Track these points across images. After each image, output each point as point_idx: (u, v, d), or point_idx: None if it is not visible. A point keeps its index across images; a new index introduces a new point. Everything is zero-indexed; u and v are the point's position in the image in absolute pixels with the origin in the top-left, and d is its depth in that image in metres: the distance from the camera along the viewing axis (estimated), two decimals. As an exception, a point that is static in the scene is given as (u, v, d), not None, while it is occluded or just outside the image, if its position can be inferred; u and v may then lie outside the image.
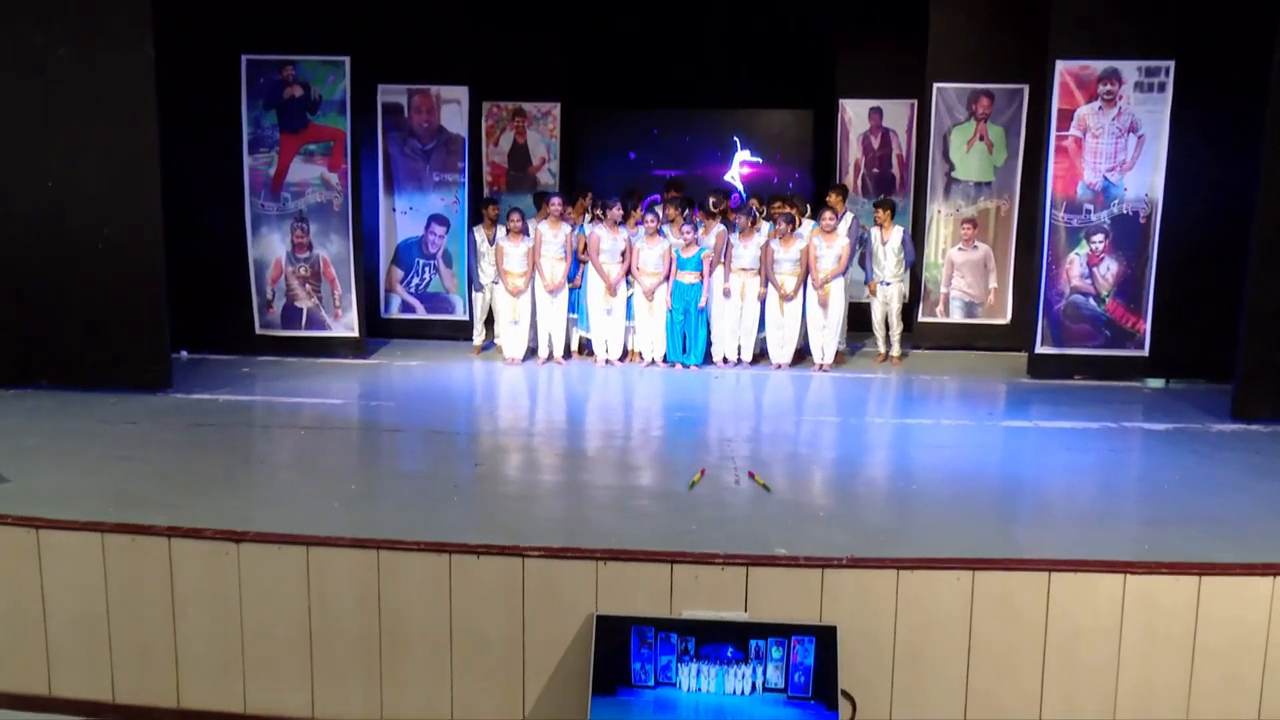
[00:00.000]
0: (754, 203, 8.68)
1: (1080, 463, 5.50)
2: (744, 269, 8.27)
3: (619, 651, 3.65)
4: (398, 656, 3.80)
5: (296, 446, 5.71)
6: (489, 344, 9.02)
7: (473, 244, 8.81)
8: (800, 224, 8.46)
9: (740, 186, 12.05)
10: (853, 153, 10.74)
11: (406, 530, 3.96)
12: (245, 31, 8.09)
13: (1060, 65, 7.71)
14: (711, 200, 8.51)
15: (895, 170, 10.77)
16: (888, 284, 8.59)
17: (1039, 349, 8.03)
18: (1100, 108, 7.69)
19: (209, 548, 3.85)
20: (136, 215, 6.59)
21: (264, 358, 8.32)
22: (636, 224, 8.49)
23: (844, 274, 8.31)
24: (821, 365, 8.33)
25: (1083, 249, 7.86)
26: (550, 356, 8.52)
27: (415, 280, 9.79)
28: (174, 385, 6.91)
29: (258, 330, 8.50)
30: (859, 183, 10.66)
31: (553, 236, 8.32)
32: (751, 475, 4.96)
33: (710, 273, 8.27)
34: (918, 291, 9.52)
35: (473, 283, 8.93)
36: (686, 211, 8.57)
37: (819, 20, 10.89)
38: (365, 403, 7.04)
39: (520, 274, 8.38)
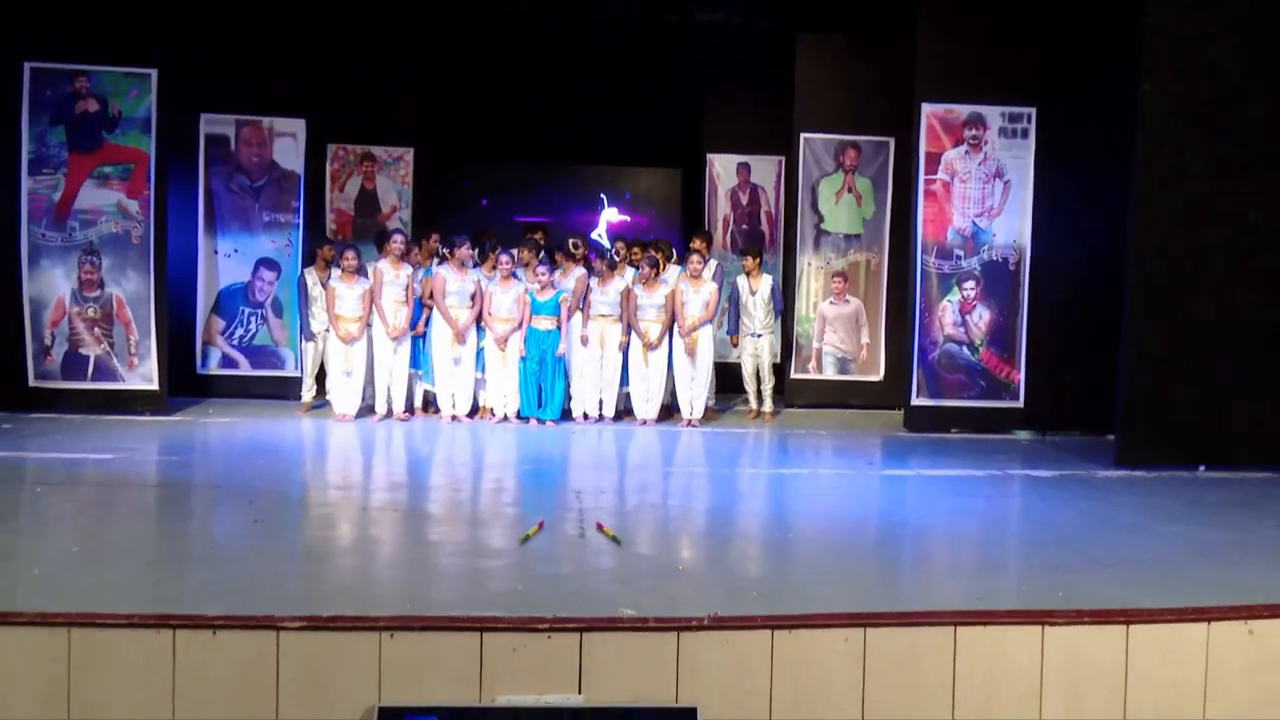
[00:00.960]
0: (618, 246, 8.01)
1: (970, 508, 4.90)
2: (604, 315, 7.54)
3: (407, 755, 2.67)
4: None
5: (22, 503, 4.51)
6: (321, 402, 7.90)
7: (304, 288, 7.79)
8: (665, 270, 7.83)
9: (606, 241, 11.46)
10: (721, 208, 10.30)
11: (127, 599, 2.90)
12: (29, 36, 6.98)
13: (926, 108, 7.46)
14: (571, 241, 7.80)
15: (764, 227, 10.37)
16: (759, 336, 8.01)
17: (915, 400, 7.55)
18: (967, 152, 7.44)
19: None
20: None
21: (38, 415, 6.96)
22: (493, 268, 7.67)
23: (711, 321, 7.68)
24: (690, 420, 7.60)
25: (955, 296, 7.50)
26: (389, 413, 7.50)
27: (239, 331, 8.61)
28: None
29: (31, 382, 7.14)
30: (727, 238, 10.18)
31: (394, 277, 7.40)
32: (600, 527, 4.11)
33: (569, 318, 7.49)
34: (789, 347, 9.00)
35: (303, 331, 7.87)
36: (542, 254, 7.82)
37: (687, 76, 10.55)
38: (142, 457, 5.83)
39: (355, 319, 7.39)
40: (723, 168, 10.36)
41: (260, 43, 8.42)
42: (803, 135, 9.00)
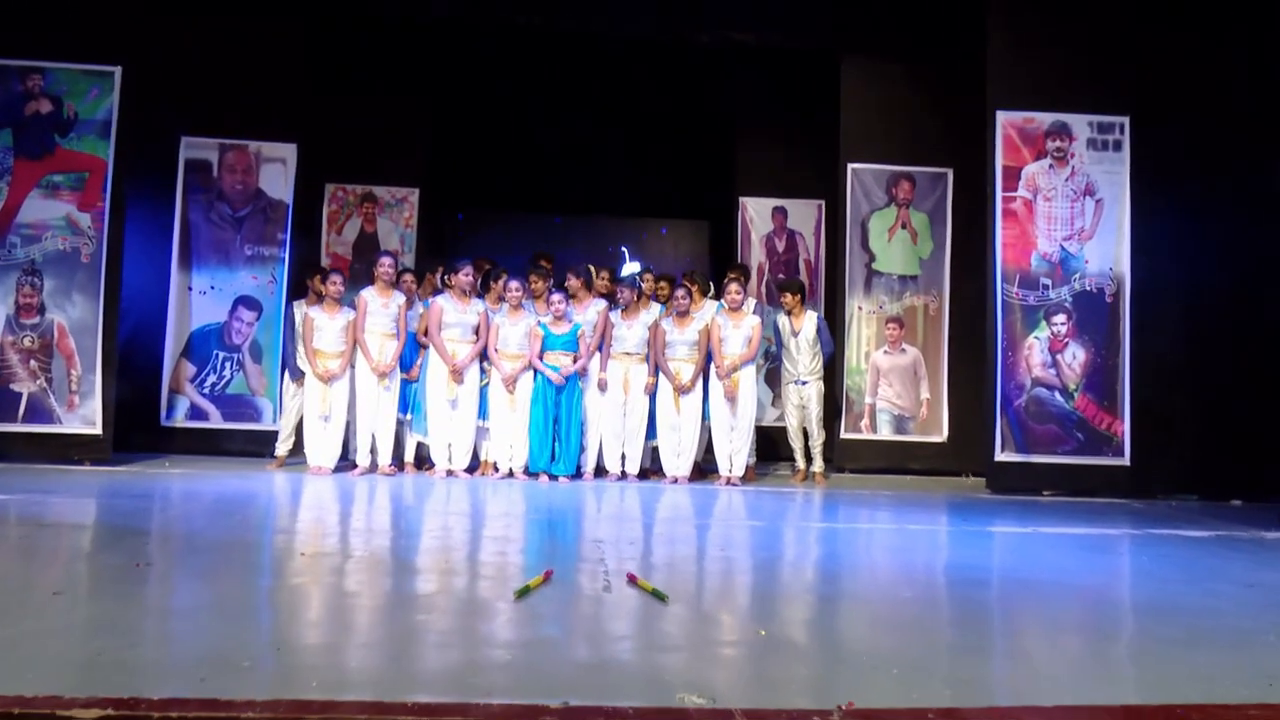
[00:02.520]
0: (645, 275, 6.89)
1: (1129, 567, 3.58)
2: (628, 354, 6.36)
3: None
4: None
5: None
6: (299, 459, 6.68)
7: (290, 322, 6.67)
8: (700, 304, 6.67)
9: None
10: (755, 256, 9.21)
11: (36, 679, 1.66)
12: (-26, 28, 6.09)
13: (1001, 117, 6.42)
14: (592, 270, 6.68)
15: (804, 276, 9.26)
16: (803, 383, 6.79)
17: (1000, 455, 6.26)
18: (1050, 166, 6.36)
19: None
20: None
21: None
22: (499, 298, 6.56)
23: (753, 361, 6.48)
24: (729, 479, 6.33)
25: (1043, 331, 6.29)
26: (373, 467, 6.27)
27: (211, 378, 7.47)
28: None
29: (-50, 422, 5.98)
30: (763, 289, 9.07)
31: (380, 306, 6.27)
32: (633, 579, 2.83)
33: (589, 356, 6.32)
34: (837, 402, 7.76)
35: (286, 369, 6.71)
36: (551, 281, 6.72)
37: (717, 114, 9.64)
38: (59, 504, 4.57)
39: (335, 355, 6.24)
40: (756, 212, 9.33)
41: (250, 62, 7.56)
42: (850, 166, 7.96)
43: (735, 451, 6.35)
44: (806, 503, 5.64)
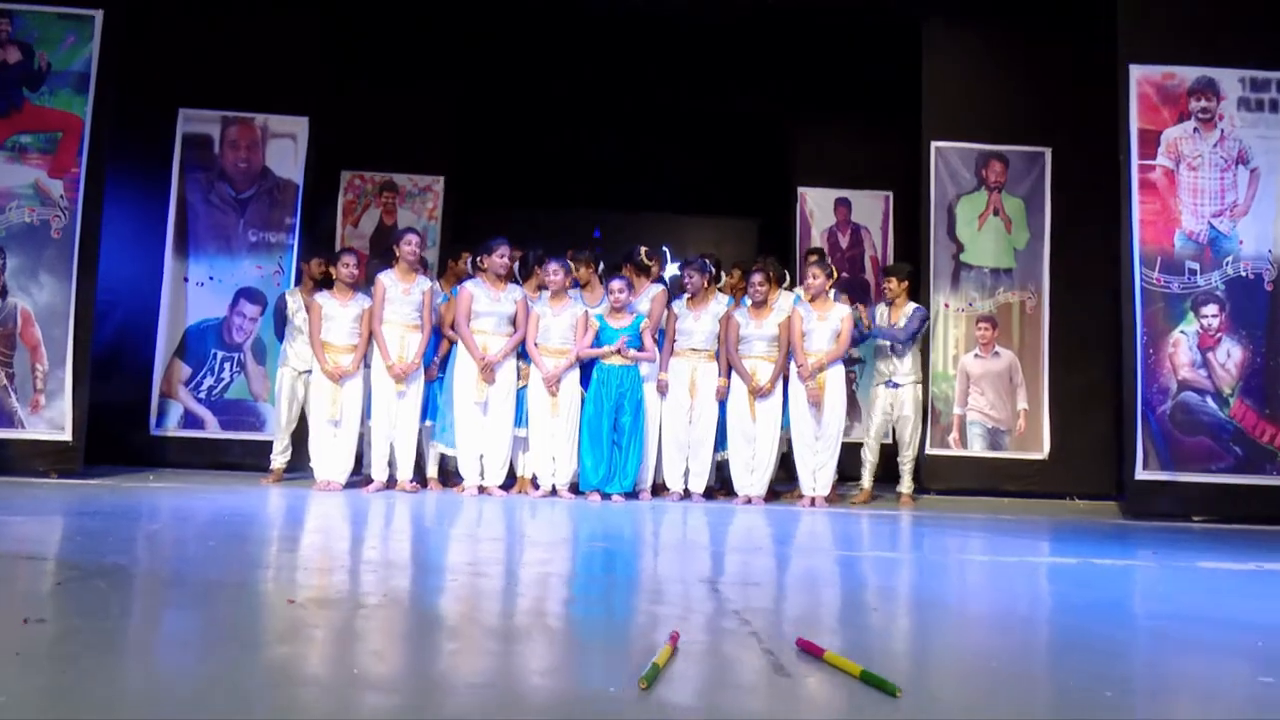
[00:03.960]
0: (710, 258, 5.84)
1: None
2: (694, 349, 5.31)
3: None
4: None
5: None
6: (298, 471, 5.65)
7: (281, 314, 5.67)
8: (776, 295, 5.62)
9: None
10: (815, 252, 8.16)
11: None
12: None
13: (1135, 71, 5.37)
14: (644, 251, 5.64)
15: (869, 275, 8.24)
16: (895, 385, 5.71)
17: (1141, 473, 5.15)
18: (1195, 130, 5.30)
19: None
20: None
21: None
22: (538, 289, 5.55)
23: (843, 360, 5.42)
24: (813, 498, 5.25)
25: (1190, 325, 5.21)
26: (391, 482, 5.22)
27: (208, 381, 6.47)
28: None
29: (-111, 426, 4.97)
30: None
31: (402, 292, 5.25)
32: (808, 647, 1.75)
33: (653, 350, 5.29)
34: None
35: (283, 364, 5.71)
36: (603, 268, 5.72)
37: (773, 97, 8.63)
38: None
39: (347, 349, 5.22)
40: (817, 204, 8.33)
41: (258, 26, 6.65)
42: (933, 145, 6.92)
43: (820, 467, 5.27)
44: (923, 530, 4.54)
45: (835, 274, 5.60)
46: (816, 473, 5.28)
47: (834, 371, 5.29)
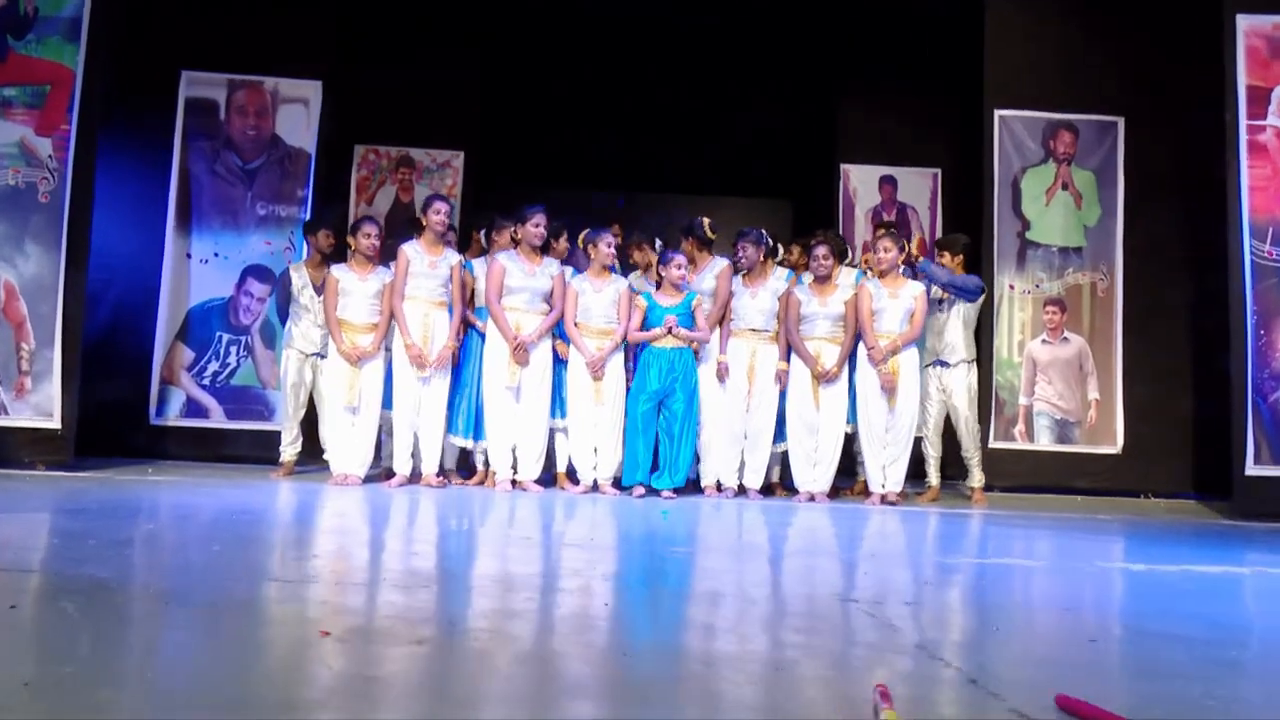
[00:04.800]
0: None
1: None
2: (754, 330, 4.75)
3: None
4: None
5: None
6: (308, 464, 5.10)
7: (286, 288, 5.11)
8: (838, 270, 5.04)
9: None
10: (859, 233, 7.60)
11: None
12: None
13: (1242, 21, 4.79)
14: (707, 223, 5.07)
15: (916, 256, 7.65)
16: (946, 365, 5.12)
17: (1252, 468, 4.58)
18: (1312, 86, 4.72)
19: None
20: None
21: None
22: (570, 264, 4.99)
23: (917, 342, 4.86)
24: (884, 495, 4.68)
25: (1306, 304, 4.63)
26: (414, 476, 4.67)
27: (212, 366, 5.92)
28: None
29: None
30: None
31: (428, 266, 4.69)
32: (1080, 710, 1.20)
33: (711, 330, 4.75)
34: (983, 403, 6.07)
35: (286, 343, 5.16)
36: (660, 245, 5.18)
37: (813, 69, 8.06)
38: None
39: (367, 327, 4.66)
40: (860, 182, 7.76)
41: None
42: (997, 113, 6.35)
43: (892, 461, 4.71)
44: (1035, 533, 3.97)
45: (908, 248, 5.03)
46: (887, 468, 4.71)
47: (908, 356, 4.73)
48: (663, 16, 7.31)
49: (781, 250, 5.18)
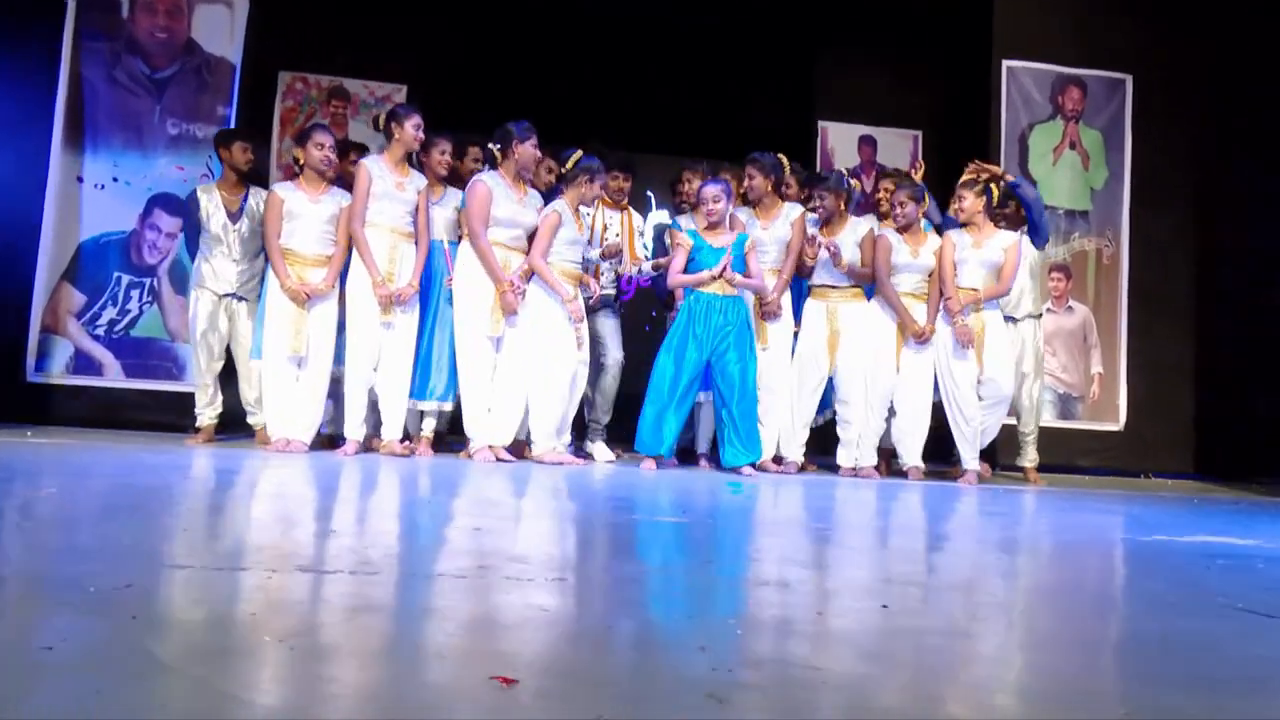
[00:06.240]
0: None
1: None
2: (833, 286, 4.06)
3: None
4: None
5: None
6: (233, 435, 4.13)
7: (192, 214, 4.12)
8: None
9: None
10: (838, 195, 6.97)
11: None
12: None
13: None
14: (793, 166, 4.32)
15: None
16: (1014, 321, 4.52)
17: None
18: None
19: None
20: None
21: None
22: (579, 201, 4.13)
23: (1004, 297, 4.25)
24: (968, 474, 4.08)
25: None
26: (367, 442, 3.77)
27: (109, 313, 4.86)
28: None
29: None
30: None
31: (395, 187, 3.79)
32: None
33: (782, 287, 4.06)
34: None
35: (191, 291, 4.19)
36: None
37: (791, 27, 7.38)
38: None
39: (317, 260, 3.74)
40: (839, 141, 7.15)
41: None
42: (1005, 63, 5.83)
43: (977, 432, 4.08)
44: (1175, 511, 3.39)
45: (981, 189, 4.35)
46: (973, 438, 4.10)
47: (994, 315, 4.12)
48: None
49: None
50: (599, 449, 4.08)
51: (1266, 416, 5.30)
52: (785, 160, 4.25)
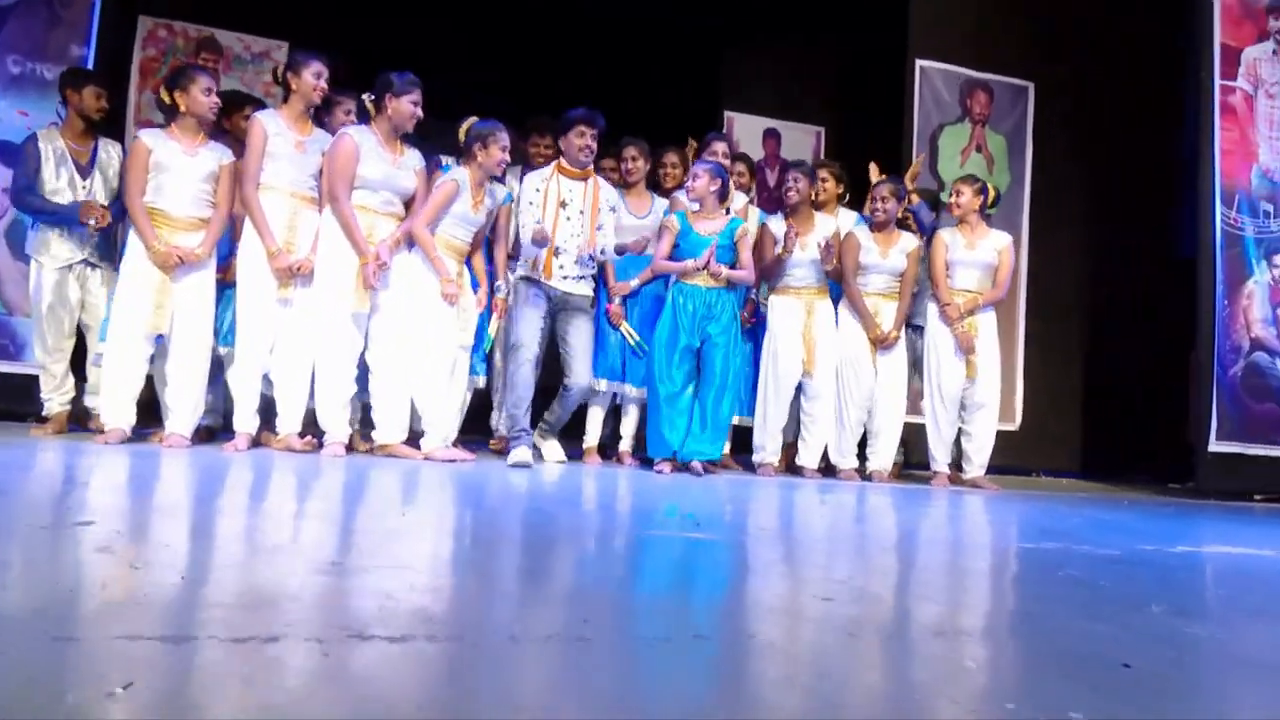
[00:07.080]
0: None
1: None
2: (805, 287, 3.80)
3: None
4: None
5: None
6: (83, 425, 3.49)
7: (28, 163, 3.46)
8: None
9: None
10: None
11: None
12: None
13: (1220, -23, 4.44)
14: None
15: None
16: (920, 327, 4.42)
17: (1215, 444, 4.25)
18: (1275, 53, 4.46)
19: None
20: None
21: None
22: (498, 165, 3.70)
23: (1000, 300, 4.12)
24: (975, 480, 3.99)
25: (1263, 274, 4.39)
26: (257, 437, 3.25)
27: (-77, 280, 4.05)
28: None
29: None
30: (755, 229, 6.71)
31: (294, 146, 3.27)
32: None
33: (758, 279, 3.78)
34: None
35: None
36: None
37: (698, 21, 7.13)
38: None
39: (192, 223, 3.18)
40: (745, 132, 7.00)
41: None
42: (919, 63, 5.80)
43: (975, 442, 3.94)
44: (1180, 516, 3.30)
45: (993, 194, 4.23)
46: (968, 448, 3.95)
47: (988, 317, 3.97)
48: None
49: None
50: (550, 447, 3.69)
51: (1147, 416, 5.50)
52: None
